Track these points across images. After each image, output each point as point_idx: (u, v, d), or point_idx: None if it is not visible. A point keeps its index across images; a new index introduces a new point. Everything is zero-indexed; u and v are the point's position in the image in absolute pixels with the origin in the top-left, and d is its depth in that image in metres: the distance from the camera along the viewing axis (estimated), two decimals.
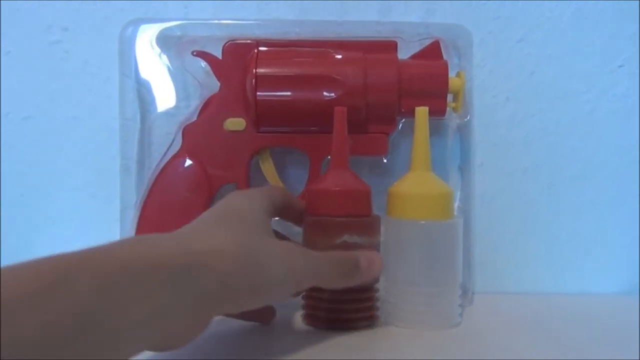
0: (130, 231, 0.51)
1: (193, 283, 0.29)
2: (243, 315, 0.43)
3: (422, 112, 0.46)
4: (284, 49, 0.49)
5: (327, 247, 0.42)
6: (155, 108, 0.53)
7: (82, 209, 0.56)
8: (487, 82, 0.56)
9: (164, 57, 0.53)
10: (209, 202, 0.50)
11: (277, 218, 0.44)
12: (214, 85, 0.50)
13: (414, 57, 0.50)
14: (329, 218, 0.43)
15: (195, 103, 0.52)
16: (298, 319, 0.46)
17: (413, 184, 0.45)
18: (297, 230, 0.46)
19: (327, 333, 0.42)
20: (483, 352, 0.40)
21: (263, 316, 0.44)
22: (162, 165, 0.50)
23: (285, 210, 0.43)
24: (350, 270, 0.39)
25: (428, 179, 0.46)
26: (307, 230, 0.44)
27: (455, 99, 0.50)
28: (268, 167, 0.50)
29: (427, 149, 0.46)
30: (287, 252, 0.36)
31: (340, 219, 0.43)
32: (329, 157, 0.50)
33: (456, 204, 0.53)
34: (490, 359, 0.39)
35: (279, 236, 0.43)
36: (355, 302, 0.43)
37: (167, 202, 0.50)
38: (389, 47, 0.50)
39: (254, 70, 0.48)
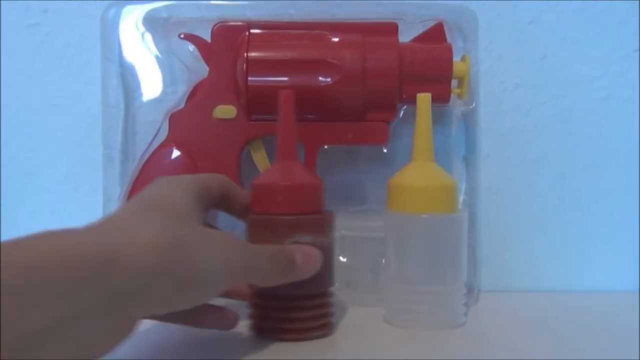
0: None
1: (109, 279, 0.28)
2: (199, 322, 0.41)
3: (424, 98, 0.45)
4: (277, 31, 0.49)
5: None
6: (140, 94, 0.53)
7: (63, 203, 0.56)
8: (494, 67, 0.56)
9: (150, 40, 0.53)
10: None
11: (215, 210, 0.42)
12: (203, 70, 0.50)
13: (416, 40, 0.50)
14: (277, 216, 0.41)
15: (183, 89, 0.52)
16: (244, 329, 0.43)
17: (415, 176, 0.45)
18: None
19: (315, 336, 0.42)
20: (488, 354, 0.40)
21: (224, 322, 0.42)
22: (147, 155, 0.50)
23: (225, 200, 0.41)
24: (285, 266, 0.38)
25: (431, 170, 0.45)
26: (252, 230, 0.42)
27: (460, 84, 0.50)
28: (260, 158, 0.50)
29: (429, 138, 0.45)
30: (220, 243, 0.35)
31: (290, 217, 0.41)
32: (325, 146, 0.50)
33: (461, 197, 0.52)
34: (496, 357, 0.39)
35: (212, 228, 0.41)
36: (307, 310, 0.42)
37: None
38: (390, 29, 0.50)
39: (245, 54, 0.48)
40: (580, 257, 0.56)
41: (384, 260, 0.47)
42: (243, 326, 0.43)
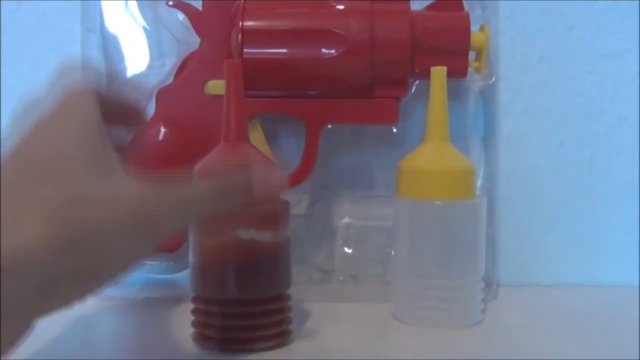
0: None
1: None
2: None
3: (438, 72, 0.45)
4: None
5: (214, 249, 0.40)
6: (124, 69, 0.53)
7: None
8: (517, 38, 0.55)
9: (135, 8, 0.52)
10: None
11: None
12: (194, 41, 0.50)
13: (430, 7, 0.50)
14: None
15: (171, 62, 0.52)
16: (189, 339, 0.42)
17: (427, 158, 0.45)
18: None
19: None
20: (508, 354, 0.40)
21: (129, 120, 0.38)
22: (132, 136, 0.49)
23: (114, 105, 0.36)
24: (235, 199, 0.35)
25: (445, 152, 0.45)
26: (192, 226, 0.41)
27: (478, 57, 0.50)
28: (257, 138, 0.50)
29: (444, 116, 0.45)
30: (133, 207, 0.30)
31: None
32: (329, 125, 0.51)
33: (479, 182, 0.52)
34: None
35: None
36: (257, 316, 0.40)
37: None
38: None
39: (240, 24, 0.48)
40: (609, 250, 0.56)
41: (393, 252, 0.47)
42: (186, 336, 0.42)
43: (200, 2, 0.50)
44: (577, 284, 0.56)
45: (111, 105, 0.36)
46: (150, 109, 0.50)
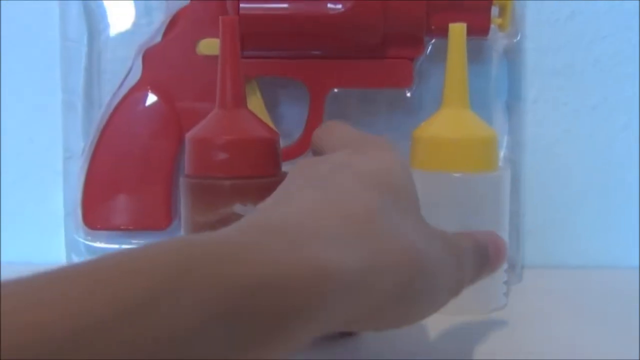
0: (76, 186, 0.51)
1: (341, 309, 0.26)
2: None
3: (457, 30, 0.45)
4: None
5: (208, 226, 0.38)
6: (107, 26, 0.53)
7: (15, 159, 0.56)
8: None
9: None
10: (178, 149, 0.50)
11: None
12: None
13: None
14: (213, 180, 0.40)
15: (159, 19, 0.52)
16: None
17: (445, 126, 0.45)
18: None
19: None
20: (532, 341, 0.40)
21: None
22: (116, 101, 0.50)
23: None
24: (481, 262, 0.36)
25: (465, 119, 0.45)
26: (183, 197, 0.41)
27: (501, 13, 0.50)
28: (255, 104, 0.49)
29: (463, 79, 0.45)
30: (452, 246, 0.33)
31: (229, 181, 0.40)
32: (335, 89, 0.51)
33: (502, 152, 0.52)
34: (543, 350, 0.39)
35: None
36: None
37: (123, 149, 0.50)
38: None
39: None
40: None
41: None
42: None
43: None
44: (609, 265, 0.56)
45: None
46: (136, 72, 0.50)
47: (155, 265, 0.22)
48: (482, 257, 0.36)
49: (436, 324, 0.43)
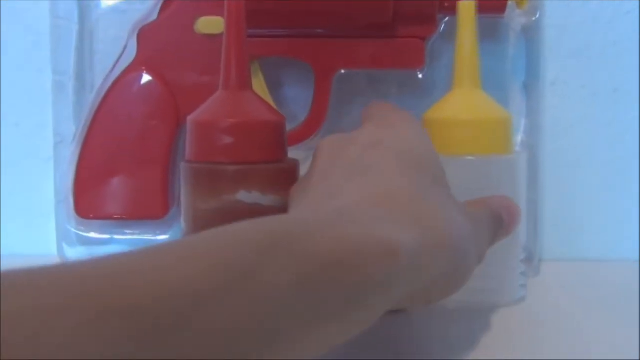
0: (67, 173, 0.51)
1: (397, 288, 0.29)
2: None
3: (466, 7, 0.45)
4: None
5: (211, 214, 0.40)
6: (99, 3, 0.53)
7: (1, 144, 0.56)
8: None
9: None
10: (175, 133, 0.50)
11: None
12: None
13: None
14: (216, 166, 0.40)
15: None
16: None
17: (456, 107, 0.45)
18: None
19: None
20: (550, 338, 0.40)
21: None
22: (109, 82, 0.50)
23: None
24: (496, 227, 0.39)
25: (477, 100, 0.45)
26: (184, 184, 0.41)
27: None
28: (257, 85, 0.49)
29: (474, 58, 0.45)
30: (474, 219, 0.35)
31: (233, 166, 0.40)
32: (342, 70, 0.51)
33: (519, 136, 0.52)
34: (560, 347, 0.39)
35: None
36: None
37: (117, 134, 0.50)
38: None
39: None
40: None
41: None
42: None
43: None
44: (633, 258, 0.56)
45: None
46: (131, 51, 0.50)
47: (247, 240, 0.26)
48: (496, 222, 0.38)
49: (449, 318, 0.43)
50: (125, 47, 0.51)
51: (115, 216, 0.51)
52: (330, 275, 0.26)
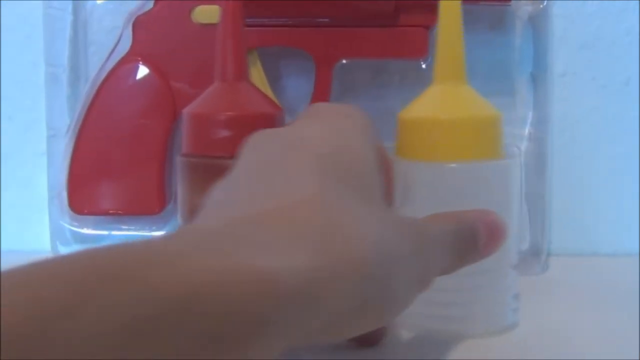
0: (61, 167, 0.51)
1: (271, 334, 0.25)
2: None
3: None
4: None
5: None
6: None
7: None
8: None
9: None
10: (171, 126, 0.50)
11: None
12: None
13: None
14: (213, 159, 0.40)
15: None
16: None
17: (436, 105, 0.41)
18: None
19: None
20: (559, 336, 0.40)
21: (368, 337, 0.38)
22: (104, 74, 0.50)
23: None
24: (467, 248, 0.35)
25: (461, 97, 0.41)
26: (180, 178, 0.41)
27: None
28: (256, 76, 0.49)
29: (458, 48, 0.41)
30: (415, 235, 0.32)
31: (230, 160, 0.39)
32: (343, 60, 0.51)
33: (526, 129, 0.52)
34: (570, 345, 0.39)
35: None
36: None
37: (112, 127, 0.50)
38: None
39: None
40: None
41: None
42: None
43: None
44: None
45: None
46: (126, 42, 0.50)
47: (70, 276, 0.21)
48: (466, 239, 0.35)
49: (429, 345, 0.41)
50: (120, 38, 0.51)
51: (111, 211, 0.51)
52: (181, 314, 0.22)
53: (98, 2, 0.53)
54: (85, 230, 0.52)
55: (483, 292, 0.40)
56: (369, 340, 0.39)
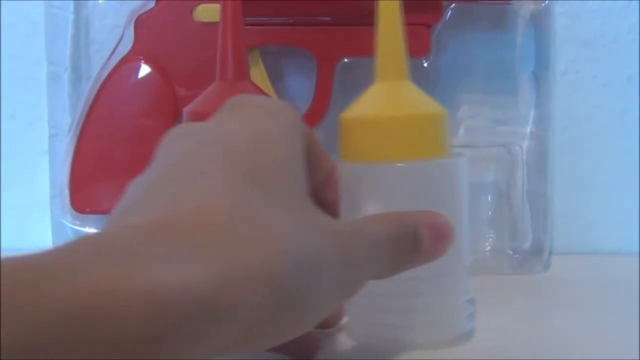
0: (63, 166, 0.51)
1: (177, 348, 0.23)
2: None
3: None
4: None
5: None
6: None
7: None
8: None
9: None
10: (173, 124, 0.49)
11: None
12: None
13: None
14: None
15: None
16: None
17: (378, 103, 0.39)
18: None
19: None
20: (560, 336, 0.40)
21: (304, 349, 0.37)
22: (106, 73, 0.50)
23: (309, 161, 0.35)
24: (407, 251, 0.33)
25: (403, 94, 0.39)
26: None
27: None
28: (258, 75, 0.49)
29: (398, 43, 0.39)
30: (342, 239, 0.30)
31: None
32: (345, 59, 0.51)
33: (528, 127, 0.52)
34: (571, 345, 0.39)
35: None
36: None
37: (114, 126, 0.50)
38: None
39: None
40: None
41: None
42: None
43: None
44: None
45: (311, 153, 0.35)
46: (128, 41, 0.50)
47: None
48: (406, 243, 0.33)
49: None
50: (121, 36, 0.51)
51: (112, 210, 0.51)
52: (63, 340, 0.20)
53: (100, 0, 0.53)
54: (87, 229, 0.52)
55: (433, 297, 0.38)
56: (304, 352, 0.37)
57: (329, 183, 0.37)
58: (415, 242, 0.33)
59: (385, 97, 0.39)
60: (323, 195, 0.36)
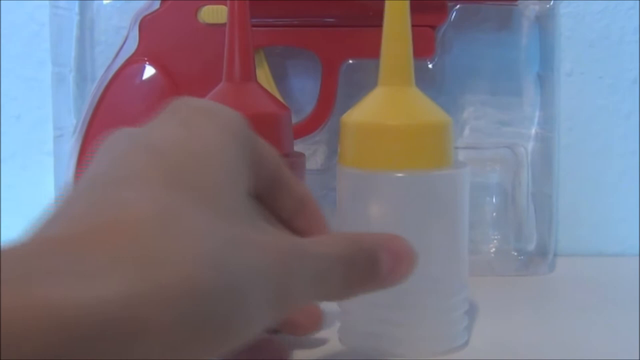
0: (68, 168, 0.51)
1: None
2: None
3: None
4: None
5: None
6: None
7: (2, 137, 0.56)
8: None
9: None
10: None
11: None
12: None
13: None
14: None
15: None
16: None
17: (381, 109, 0.38)
18: None
19: None
20: (565, 338, 0.40)
21: (270, 356, 0.37)
22: (110, 74, 0.50)
23: (271, 188, 0.34)
24: (364, 275, 0.32)
25: (408, 100, 0.38)
26: None
27: None
28: (262, 76, 0.49)
29: (405, 46, 0.38)
30: (279, 257, 0.29)
31: None
32: (350, 60, 0.50)
33: (533, 129, 0.52)
34: (576, 348, 0.38)
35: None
36: None
37: (118, 127, 0.49)
38: None
39: None
40: None
41: None
42: None
43: None
44: None
45: (277, 179, 0.34)
46: (133, 42, 0.50)
47: None
48: (363, 266, 0.32)
49: None
50: (126, 38, 0.50)
51: None
52: None
53: (104, 2, 0.53)
54: None
55: (429, 310, 0.38)
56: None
57: (302, 212, 0.35)
58: (373, 265, 0.32)
59: (388, 103, 0.38)
60: (294, 225, 0.35)
